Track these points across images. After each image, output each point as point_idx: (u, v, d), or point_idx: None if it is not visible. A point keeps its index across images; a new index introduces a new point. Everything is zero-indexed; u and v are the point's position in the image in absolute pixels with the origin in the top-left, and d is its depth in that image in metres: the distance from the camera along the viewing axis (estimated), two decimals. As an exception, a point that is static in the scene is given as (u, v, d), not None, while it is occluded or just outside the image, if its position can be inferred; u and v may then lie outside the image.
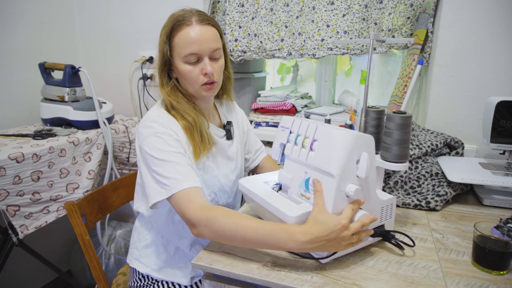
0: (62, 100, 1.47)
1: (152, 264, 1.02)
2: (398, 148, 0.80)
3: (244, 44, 1.63)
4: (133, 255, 1.05)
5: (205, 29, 0.90)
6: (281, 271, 0.72)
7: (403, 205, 1.03)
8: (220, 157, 1.03)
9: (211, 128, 1.01)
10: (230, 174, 1.05)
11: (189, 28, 0.89)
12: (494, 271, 0.72)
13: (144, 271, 1.02)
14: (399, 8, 1.39)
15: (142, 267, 1.03)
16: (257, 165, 1.21)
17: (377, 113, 0.89)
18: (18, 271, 1.66)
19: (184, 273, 1.01)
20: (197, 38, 0.89)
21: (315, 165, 0.76)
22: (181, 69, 0.92)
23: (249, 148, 1.19)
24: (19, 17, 1.59)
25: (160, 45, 0.93)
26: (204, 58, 0.91)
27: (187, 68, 0.91)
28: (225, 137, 1.05)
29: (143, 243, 1.04)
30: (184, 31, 0.89)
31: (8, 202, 1.13)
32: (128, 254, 1.08)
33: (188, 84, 0.94)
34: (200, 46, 0.89)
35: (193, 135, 0.93)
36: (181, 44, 0.89)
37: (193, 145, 0.93)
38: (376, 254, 0.79)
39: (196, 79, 0.92)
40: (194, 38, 0.89)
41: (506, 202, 1.02)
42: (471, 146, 1.28)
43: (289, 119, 0.86)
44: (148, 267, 1.02)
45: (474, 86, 1.26)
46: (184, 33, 0.89)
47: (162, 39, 0.92)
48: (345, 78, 1.85)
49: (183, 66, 0.91)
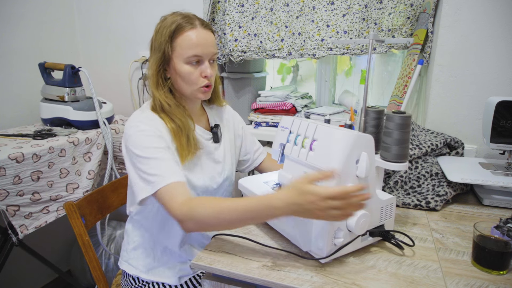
0: (62, 100, 1.47)
1: (141, 266, 1.02)
2: (398, 148, 0.80)
3: (244, 44, 1.63)
4: (123, 257, 1.07)
5: (207, 34, 0.94)
6: (281, 271, 0.72)
7: (403, 205, 1.03)
8: (205, 159, 1.03)
9: (197, 130, 1.02)
10: (216, 177, 1.05)
11: (195, 31, 0.91)
12: (494, 271, 0.72)
13: (133, 273, 1.03)
14: (399, 8, 1.39)
15: (131, 269, 1.03)
16: (259, 165, 1.21)
17: (377, 113, 0.89)
18: (18, 271, 1.66)
19: (172, 273, 1.02)
20: (202, 41, 0.92)
21: (314, 165, 0.76)
22: (181, 70, 0.93)
23: (246, 150, 1.20)
24: (19, 17, 1.59)
25: (160, 44, 0.93)
26: (205, 61, 0.94)
27: (188, 69, 0.92)
28: (212, 139, 1.06)
29: (132, 245, 1.04)
30: (189, 32, 0.91)
31: (8, 202, 1.13)
32: (120, 257, 1.09)
33: (186, 85, 0.95)
34: (203, 49, 0.92)
35: (180, 139, 0.94)
36: (185, 45, 0.91)
37: (179, 149, 0.94)
38: (376, 254, 0.79)
39: (196, 81, 0.94)
40: (198, 41, 0.91)
41: (506, 202, 1.02)
42: (471, 146, 1.28)
43: (289, 119, 0.86)
44: (137, 268, 1.03)
45: (474, 86, 1.26)
46: (189, 35, 0.91)
47: (163, 38, 0.92)
48: (345, 78, 1.85)
49: (184, 67, 0.92)
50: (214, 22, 1.68)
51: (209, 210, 0.76)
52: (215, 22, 1.68)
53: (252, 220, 0.77)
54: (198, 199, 0.81)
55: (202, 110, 1.10)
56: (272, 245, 0.82)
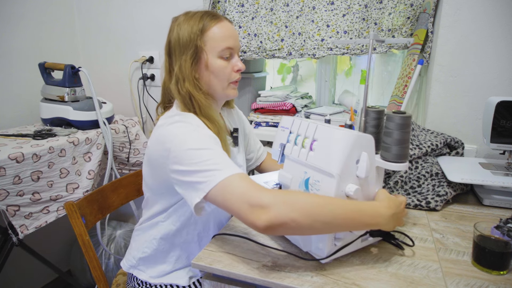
0: (62, 100, 1.47)
1: (152, 272, 0.98)
2: (398, 148, 0.80)
3: (244, 44, 1.63)
4: (130, 263, 1.01)
5: (233, 27, 0.93)
6: (281, 271, 0.72)
7: (403, 205, 1.03)
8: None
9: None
10: None
11: (224, 23, 0.90)
12: (494, 271, 0.71)
13: (142, 277, 0.98)
14: (399, 8, 1.39)
15: (140, 274, 0.99)
16: (260, 164, 1.21)
17: (377, 113, 0.89)
18: (18, 271, 1.66)
19: (183, 274, 0.99)
20: (232, 33, 0.91)
21: (315, 165, 0.76)
22: (215, 64, 0.88)
23: (251, 148, 1.19)
24: (19, 17, 1.59)
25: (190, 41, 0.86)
26: (235, 54, 0.92)
27: (222, 63, 0.89)
28: (233, 144, 1.04)
29: (142, 254, 0.99)
30: (220, 24, 0.89)
31: (8, 202, 1.13)
32: (124, 260, 1.04)
33: (218, 81, 0.90)
34: (235, 41, 0.91)
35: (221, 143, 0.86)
36: (218, 38, 0.88)
37: None
38: (376, 254, 0.79)
39: (229, 75, 0.92)
40: (230, 32, 0.90)
41: (506, 202, 1.02)
42: (471, 146, 1.28)
43: (289, 119, 0.86)
44: (148, 274, 0.99)
45: (474, 86, 1.26)
46: (221, 27, 0.89)
47: (193, 34, 0.86)
48: (345, 78, 1.85)
49: (217, 61, 0.89)
50: (214, 22, 1.68)
51: (315, 198, 0.66)
52: (215, 22, 1.68)
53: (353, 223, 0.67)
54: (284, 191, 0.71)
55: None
56: (272, 245, 0.82)
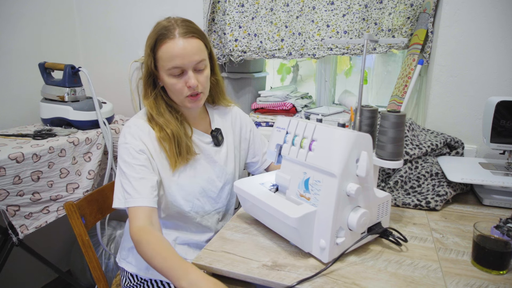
0: (62, 100, 1.47)
1: (139, 264, 1.03)
2: (393, 146, 0.81)
3: (244, 44, 1.63)
4: (121, 255, 1.08)
5: (187, 42, 0.90)
6: (281, 271, 0.72)
7: (403, 205, 1.03)
8: (204, 163, 1.03)
9: (195, 134, 1.02)
10: (215, 180, 1.05)
11: (172, 42, 0.89)
12: (494, 271, 0.72)
13: (132, 270, 1.04)
14: (399, 8, 1.39)
15: (130, 267, 1.04)
16: (268, 167, 1.21)
17: (371, 112, 0.89)
18: (18, 271, 1.66)
19: None
20: (180, 52, 0.89)
21: (315, 165, 0.76)
22: (166, 81, 0.94)
23: (255, 152, 1.19)
24: (19, 17, 1.59)
25: (145, 57, 0.95)
26: (188, 71, 0.92)
27: (172, 80, 0.93)
28: (212, 143, 1.06)
29: (130, 244, 1.04)
30: (167, 45, 0.89)
31: (8, 202, 1.13)
32: (118, 253, 1.11)
33: (173, 95, 0.96)
34: (183, 60, 0.90)
35: (170, 147, 0.95)
36: (165, 57, 0.90)
37: (169, 156, 0.95)
38: (376, 254, 0.79)
39: (181, 91, 0.93)
40: (177, 52, 0.89)
41: (506, 202, 1.02)
42: (471, 146, 1.28)
43: (285, 120, 0.86)
44: (136, 266, 1.03)
45: (474, 86, 1.26)
46: (167, 47, 0.89)
47: (146, 51, 0.94)
48: (345, 78, 1.85)
49: (168, 78, 0.93)
50: (214, 22, 1.68)
51: (149, 250, 0.79)
52: (215, 22, 1.68)
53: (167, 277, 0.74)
54: (150, 234, 0.81)
55: (205, 112, 1.10)
56: (272, 245, 0.82)
